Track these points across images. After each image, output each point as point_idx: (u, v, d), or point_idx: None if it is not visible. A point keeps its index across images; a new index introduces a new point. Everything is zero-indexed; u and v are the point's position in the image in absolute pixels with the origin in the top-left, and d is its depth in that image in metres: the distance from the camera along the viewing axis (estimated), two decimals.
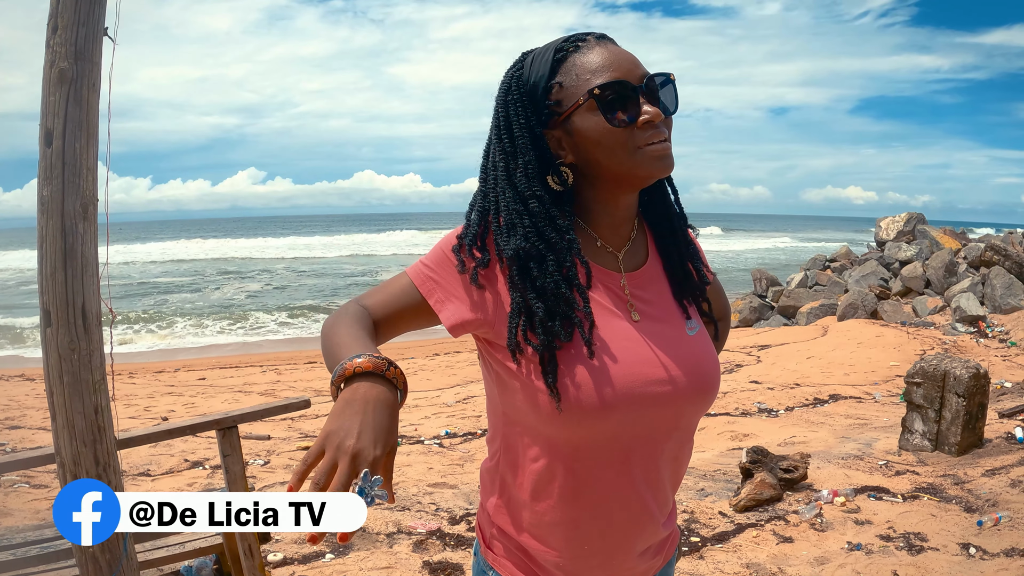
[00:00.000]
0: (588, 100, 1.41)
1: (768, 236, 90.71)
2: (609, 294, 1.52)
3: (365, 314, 1.50)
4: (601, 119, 1.41)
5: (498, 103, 1.51)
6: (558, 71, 1.46)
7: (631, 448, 1.49)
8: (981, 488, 5.67)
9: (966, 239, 21.48)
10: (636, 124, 1.41)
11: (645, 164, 1.43)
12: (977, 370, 6.36)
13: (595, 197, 1.53)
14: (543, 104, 1.47)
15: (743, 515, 5.48)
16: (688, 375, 1.51)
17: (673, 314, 1.59)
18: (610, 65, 1.44)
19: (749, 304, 19.96)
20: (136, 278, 40.13)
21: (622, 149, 1.42)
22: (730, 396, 10.50)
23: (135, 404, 11.34)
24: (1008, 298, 15.74)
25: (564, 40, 1.48)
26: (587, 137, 1.44)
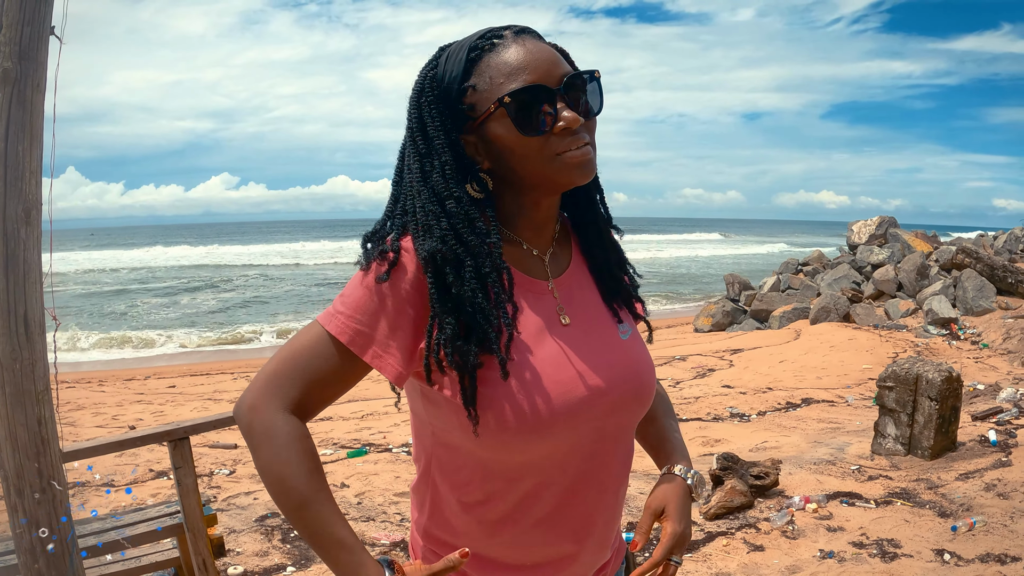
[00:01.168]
0: (505, 105, 1.31)
1: (764, 242, 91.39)
2: (537, 301, 1.44)
3: (304, 437, 1.33)
4: (514, 126, 1.32)
5: (411, 104, 1.40)
6: (472, 72, 1.36)
7: (570, 463, 1.42)
8: (955, 492, 5.59)
9: (938, 242, 21.52)
10: (553, 131, 1.32)
11: (563, 172, 1.35)
12: (950, 373, 6.29)
13: (516, 201, 1.45)
14: (457, 108, 1.37)
15: (713, 523, 5.36)
16: (624, 381, 1.45)
17: (604, 318, 1.52)
18: (526, 66, 1.34)
19: (722, 308, 19.92)
20: (108, 284, 39.82)
21: (538, 157, 1.34)
22: (702, 401, 10.42)
23: (103, 412, 11.17)
24: (980, 300, 15.76)
25: (480, 36, 1.38)
26: (501, 145, 1.35)
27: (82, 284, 40.12)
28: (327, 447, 8.16)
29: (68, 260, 53.74)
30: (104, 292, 36.15)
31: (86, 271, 46.97)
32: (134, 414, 10.98)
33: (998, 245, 20.80)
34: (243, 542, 5.21)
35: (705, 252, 64.77)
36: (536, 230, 1.48)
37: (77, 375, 16.23)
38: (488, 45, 1.35)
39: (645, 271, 27.55)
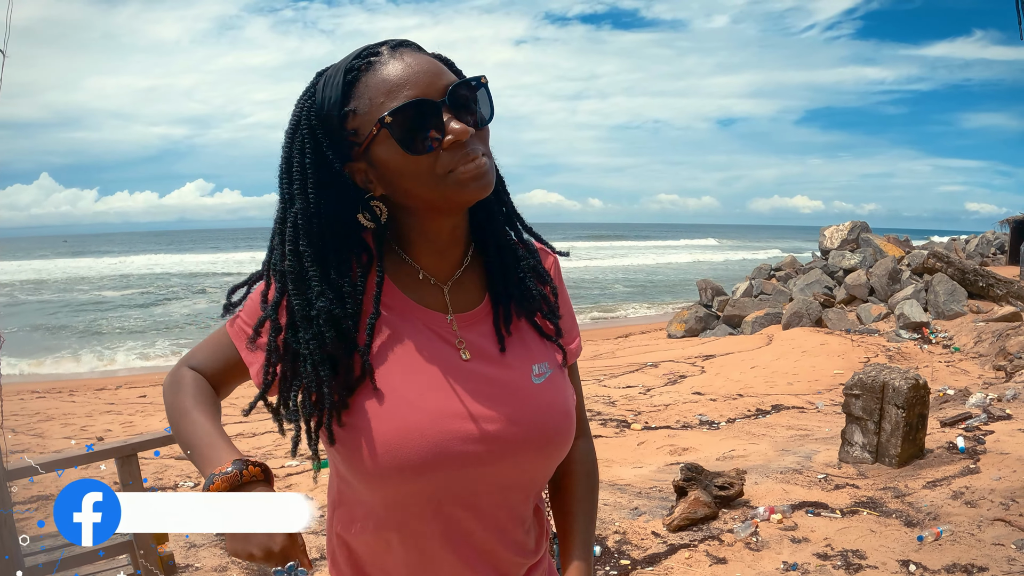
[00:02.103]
0: (381, 129, 1.23)
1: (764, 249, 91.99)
2: (432, 337, 1.36)
3: (201, 380, 1.45)
4: (399, 146, 1.24)
5: (287, 138, 1.31)
6: (351, 95, 1.27)
7: (440, 514, 1.33)
8: (922, 501, 5.50)
9: (910, 247, 21.61)
10: (442, 147, 1.23)
11: (458, 189, 1.25)
12: (916, 381, 6.21)
13: (413, 225, 1.37)
14: (340, 135, 1.28)
15: (676, 535, 5.25)
16: (523, 428, 1.34)
17: (514, 356, 1.41)
18: (405, 82, 1.25)
19: (695, 314, 19.90)
20: (84, 290, 39.51)
21: (429, 177, 1.25)
22: (672, 408, 10.35)
23: (72, 423, 11.04)
24: (951, 304, 15.81)
25: (355, 56, 1.29)
26: (389, 168, 1.27)
27: (57, 292, 39.87)
28: (294, 460, 8.04)
29: (38, 268, 53.37)
30: (78, 300, 35.90)
31: (57, 280, 46.59)
32: (103, 425, 10.85)
33: (970, 249, 20.94)
34: (202, 557, 5.11)
35: (697, 257, 65.05)
36: (438, 256, 1.39)
37: (47, 385, 16.07)
38: (365, 65, 1.27)
39: (631, 277, 27.55)
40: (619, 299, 34.49)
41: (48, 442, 9.71)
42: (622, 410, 10.33)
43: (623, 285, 41.79)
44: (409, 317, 1.36)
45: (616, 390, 11.88)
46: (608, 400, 11.07)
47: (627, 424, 9.45)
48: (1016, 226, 25.39)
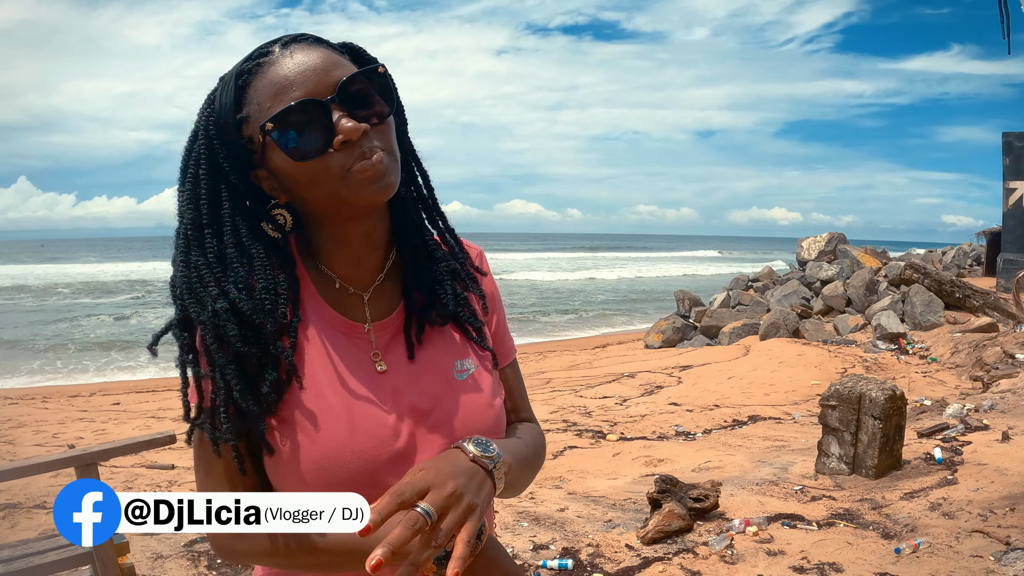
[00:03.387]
0: (270, 133, 1.18)
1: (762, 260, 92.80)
2: (349, 346, 1.31)
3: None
4: (285, 155, 1.19)
5: (185, 151, 1.26)
6: (243, 101, 1.22)
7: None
8: (899, 512, 5.43)
9: (887, 258, 21.67)
10: (333, 147, 1.17)
11: (357, 191, 1.19)
12: (893, 392, 6.15)
13: (324, 233, 1.32)
14: (238, 144, 1.23)
15: (650, 548, 5.15)
16: (448, 430, 1.30)
17: (438, 356, 1.37)
18: (291, 83, 1.19)
19: (672, 324, 19.89)
20: (62, 296, 39.25)
21: (324, 180, 1.19)
22: (648, 419, 10.27)
23: (44, 431, 10.94)
24: (928, 315, 15.84)
25: (247, 58, 1.24)
26: (285, 175, 1.22)
27: (33, 297, 39.69)
28: None
29: (13, 274, 53.05)
30: (56, 306, 35.72)
31: (42, 286, 46.37)
32: (75, 432, 10.76)
33: (947, 260, 21.04)
34: (169, 568, 5.02)
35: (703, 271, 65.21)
36: (353, 264, 1.34)
37: (20, 391, 15.98)
38: (255, 67, 1.21)
39: (620, 289, 27.50)
40: (603, 308, 34.54)
41: (19, 449, 9.64)
42: (598, 421, 10.26)
43: (609, 297, 41.88)
44: (328, 327, 1.31)
45: (592, 400, 11.82)
46: (584, 411, 11.00)
47: (603, 435, 9.37)
48: (992, 238, 25.52)
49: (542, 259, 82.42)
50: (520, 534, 5.64)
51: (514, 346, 1.60)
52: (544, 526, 5.84)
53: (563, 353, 19.80)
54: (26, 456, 9.02)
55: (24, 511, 6.56)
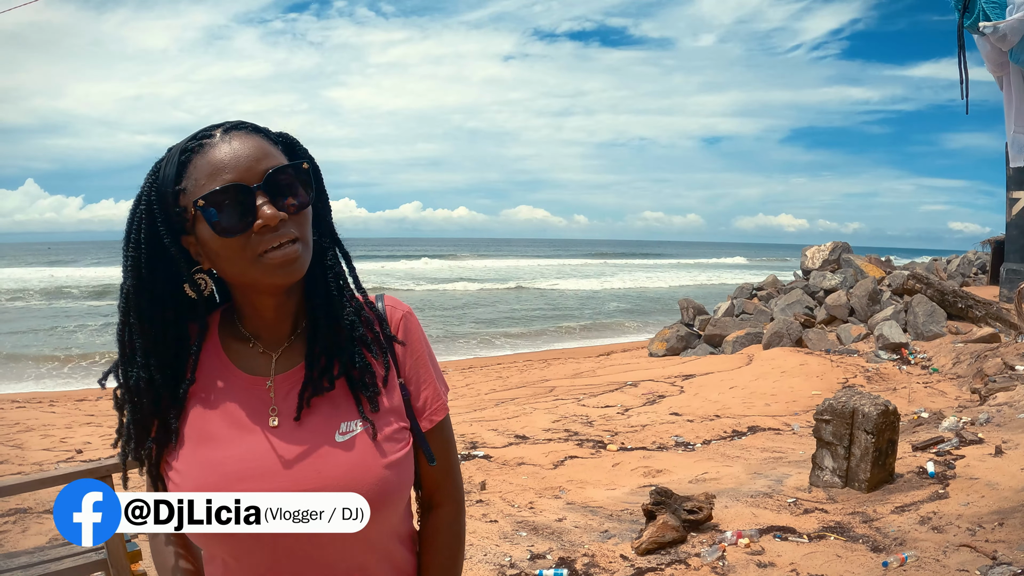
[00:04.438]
0: (200, 209, 1.33)
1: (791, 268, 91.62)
2: (249, 403, 1.43)
3: (166, 555, 1.52)
4: (212, 230, 1.33)
5: (130, 212, 1.41)
6: (183, 175, 1.36)
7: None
8: (889, 526, 5.52)
9: (891, 267, 21.70)
10: (253, 230, 1.32)
11: (267, 273, 1.35)
12: (886, 407, 6.24)
13: (242, 299, 1.47)
14: (173, 211, 1.37)
15: (644, 558, 5.26)
16: (320, 489, 1.36)
17: (327, 417, 1.44)
18: (225, 165, 1.33)
19: (676, 333, 19.92)
20: (70, 298, 39.32)
21: (240, 259, 1.34)
22: (649, 429, 10.34)
23: (52, 435, 11.04)
24: (930, 325, 15.87)
25: (192, 137, 1.38)
26: (208, 247, 1.36)
27: (41, 300, 39.71)
28: None
29: (21, 277, 53.08)
30: (63, 309, 35.70)
31: (52, 289, 46.33)
32: (83, 437, 10.84)
33: (951, 269, 21.04)
34: None
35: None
36: (267, 328, 1.48)
37: (27, 395, 16.00)
38: (197, 146, 1.35)
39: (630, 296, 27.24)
40: (610, 317, 34.48)
41: (27, 453, 9.68)
42: (599, 430, 10.33)
43: (625, 302, 41.79)
44: (230, 383, 1.44)
45: (595, 410, 11.88)
46: (586, 420, 11.07)
47: (603, 445, 9.44)
48: (997, 247, 25.50)
49: (550, 266, 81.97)
50: (518, 543, 5.74)
51: (444, 405, 1.62)
52: (542, 536, 5.94)
53: (567, 361, 19.83)
54: (34, 460, 9.12)
55: (35, 516, 6.65)
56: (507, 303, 40.17)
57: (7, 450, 9.90)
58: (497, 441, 9.71)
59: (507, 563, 5.33)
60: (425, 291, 45.96)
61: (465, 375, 17.72)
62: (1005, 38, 4.77)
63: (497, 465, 8.44)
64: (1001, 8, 4.71)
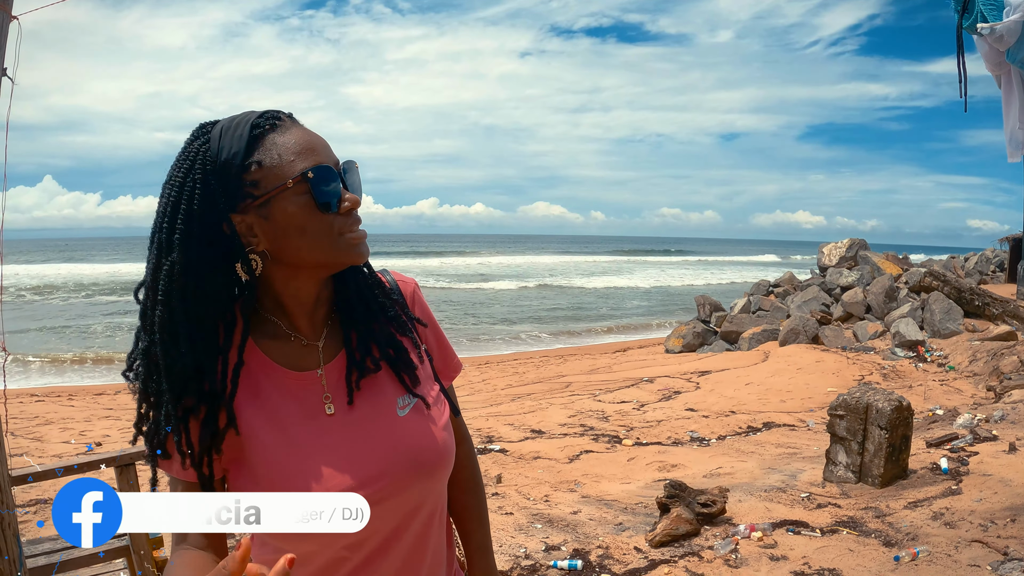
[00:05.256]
0: (299, 183, 1.32)
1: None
2: (303, 395, 1.43)
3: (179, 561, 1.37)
4: (310, 204, 1.33)
5: (173, 183, 1.33)
6: (255, 149, 1.33)
7: (345, 560, 1.41)
8: (902, 521, 5.56)
9: (908, 264, 21.64)
10: (339, 211, 1.36)
11: (347, 251, 1.38)
12: (900, 403, 6.27)
13: (288, 285, 1.43)
14: (236, 184, 1.32)
15: (658, 551, 5.32)
16: (395, 464, 1.41)
17: (379, 397, 1.48)
18: (312, 148, 1.36)
19: (692, 330, 19.94)
20: (88, 293, 39.56)
21: (327, 236, 1.35)
22: (664, 424, 10.38)
23: (71, 428, 11.14)
24: (947, 323, 15.83)
25: (258, 116, 1.36)
26: (290, 223, 1.33)
27: (60, 296, 39.95)
28: None
29: (38, 274, 53.40)
30: (81, 304, 35.91)
31: (59, 285, 46.61)
32: (101, 430, 10.92)
33: (969, 266, 20.97)
34: None
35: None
36: (308, 316, 1.47)
37: (47, 389, 16.11)
38: (269, 125, 1.34)
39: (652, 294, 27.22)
40: (629, 313, 34.47)
41: (47, 446, 9.76)
42: (615, 425, 10.38)
43: (646, 299, 41.77)
44: (274, 380, 1.42)
45: (610, 405, 11.92)
46: (602, 415, 11.12)
47: (619, 440, 9.49)
48: (1015, 244, 25.38)
49: (568, 263, 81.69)
50: (533, 535, 5.81)
51: (458, 362, 1.72)
52: (557, 528, 6.00)
53: (584, 357, 19.88)
54: (53, 452, 9.21)
55: None
56: (524, 300, 40.21)
57: (27, 443, 9.99)
58: (513, 435, 9.77)
59: (522, 554, 5.40)
60: (443, 288, 45.97)
61: (481, 371, 17.80)
62: (1002, 39, 4.83)
63: (513, 459, 8.50)
64: (999, 10, 4.77)
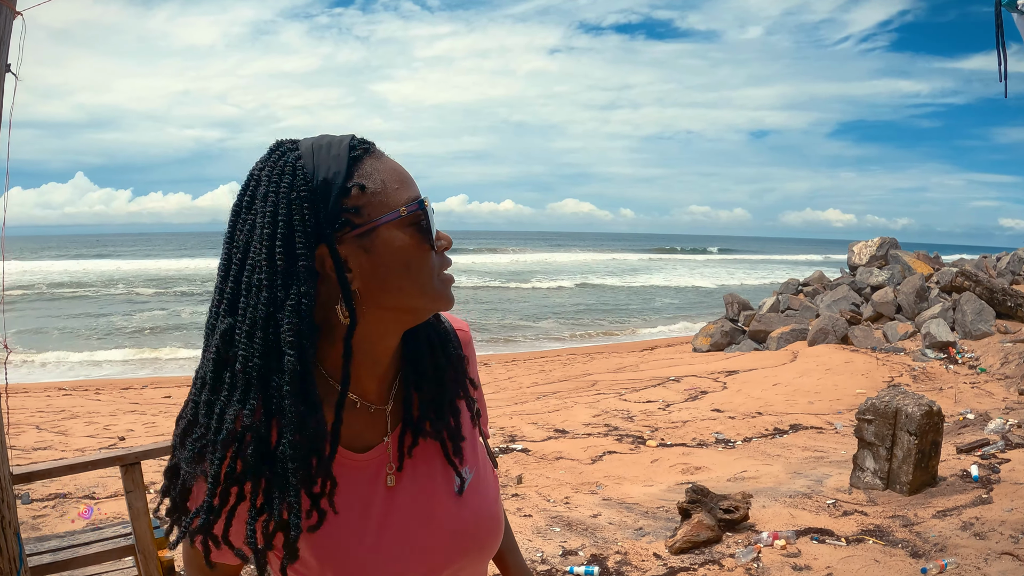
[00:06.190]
0: (413, 213, 1.15)
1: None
2: (369, 471, 1.26)
3: None
4: (417, 238, 1.15)
5: (269, 205, 1.10)
6: (355, 172, 1.14)
7: None
8: (930, 531, 5.41)
9: (939, 263, 21.33)
10: (436, 249, 1.19)
11: (442, 293, 1.20)
12: (930, 408, 6.12)
13: (370, 334, 1.20)
14: (335, 208, 1.11)
15: (678, 558, 5.21)
16: (460, 550, 1.30)
17: (437, 470, 1.33)
18: (410, 179, 1.19)
19: (720, 328, 19.76)
20: (118, 289, 39.86)
21: (430, 272, 1.17)
22: (690, 425, 10.26)
23: (96, 422, 11.18)
24: (978, 324, 15.58)
25: (351, 139, 1.18)
26: (396, 257, 1.14)
27: (90, 291, 40.29)
28: None
29: (70, 269, 53.86)
30: (111, 300, 36.20)
31: (89, 282, 46.97)
32: (126, 425, 10.96)
33: (1001, 266, 20.57)
34: None
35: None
36: (378, 378, 1.27)
37: (74, 383, 16.21)
38: (364, 149, 1.16)
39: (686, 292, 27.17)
40: (657, 312, 34.30)
41: (71, 440, 9.82)
42: (639, 426, 10.27)
43: (678, 296, 41.59)
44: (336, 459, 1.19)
45: (636, 405, 11.81)
46: (627, 415, 11.01)
47: (643, 440, 9.39)
48: None
49: (598, 261, 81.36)
50: (551, 539, 5.72)
51: (486, 412, 1.55)
52: (576, 532, 5.91)
53: (611, 355, 19.76)
54: (76, 446, 9.25)
55: (73, 501, 6.75)
56: (555, 298, 40.06)
57: (52, 436, 10.05)
58: (536, 435, 9.68)
59: (539, 559, 5.31)
60: (473, 286, 45.89)
61: (508, 368, 17.73)
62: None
63: (535, 459, 8.42)
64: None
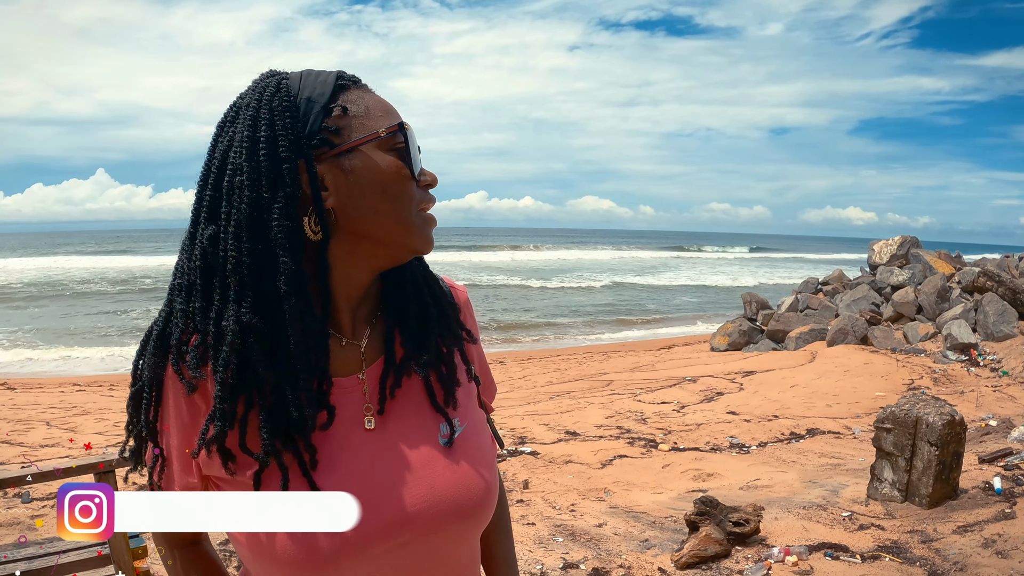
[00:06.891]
0: (392, 136, 1.13)
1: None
2: (340, 404, 1.16)
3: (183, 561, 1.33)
4: (398, 164, 1.13)
5: (250, 112, 1.10)
6: (339, 96, 1.13)
7: None
8: (950, 548, 5.17)
9: (961, 263, 21.00)
10: (418, 183, 1.16)
11: (420, 231, 1.17)
12: (952, 417, 5.87)
13: (343, 263, 1.16)
14: (315, 126, 1.10)
15: (683, 573, 4.99)
16: (436, 504, 1.16)
17: (417, 413, 1.22)
18: (393, 112, 1.16)
19: (738, 327, 19.52)
20: (138, 285, 40.03)
21: (408, 204, 1.14)
22: (704, 428, 10.03)
23: (106, 419, 11.18)
24: (1001, 325, 15.28)
25: (341, 71, 1.16)
26: (372, 179, 1.11)
27: (109, 287, 40.50)
28: None
29: (87, 267, 54.13)
30: (129, 296, 36.39)
31: (109, 278, 47.22)
32: None
33: (1023, 267, 20.27)
34: None
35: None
36: (352, 309, 1.21)
37: (89, 378, 16.23)
38: (351, 82, 1.16)
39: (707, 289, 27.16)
40: (676, 310, 34.09)
41: (80, 436, 9.83)
42: (652, 428, 10.05)
43: (698, 295, 41.41)
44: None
45: (650, 406, 11.59)
46: (640, 417, 10.79)
47: (655, 444, 9.17)
48: None
49: (618, 258, 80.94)
50: (553, 550, 5.52)
51: (495, 386, 1.49)
52: (579, 542, 5.71)
53: (628, 354, 19.56)
54: (84, 443, 9.18)
55: None
56: (575, 296, 39.87)
57: (60, 433, 10.02)
58: (546, 437, 9.49)
59: (538, 571, 5.11)
60: (491, 283, 45.74)
61: (523, 366, 17.54)
62: None
63: (543, 462, 8.23)
64: None
